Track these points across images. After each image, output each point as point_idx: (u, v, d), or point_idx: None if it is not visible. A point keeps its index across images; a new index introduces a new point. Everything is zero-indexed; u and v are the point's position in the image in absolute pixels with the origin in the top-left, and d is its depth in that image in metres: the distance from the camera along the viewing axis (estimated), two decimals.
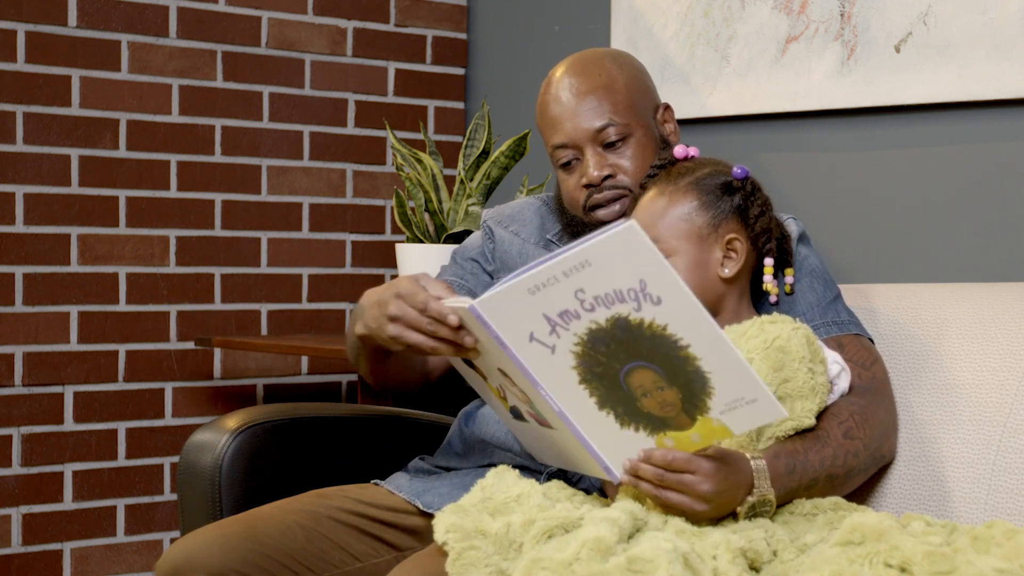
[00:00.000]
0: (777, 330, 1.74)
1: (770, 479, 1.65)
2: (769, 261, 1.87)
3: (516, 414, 1.73)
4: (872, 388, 1.88)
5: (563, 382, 1.57)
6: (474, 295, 2.11)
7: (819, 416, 1.78)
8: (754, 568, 1.58)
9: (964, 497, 1.86)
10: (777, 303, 1.90)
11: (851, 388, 1.85)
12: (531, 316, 1.52)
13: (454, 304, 1.66)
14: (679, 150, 1.89)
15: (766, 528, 1.63)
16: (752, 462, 1.65)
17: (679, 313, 1.47)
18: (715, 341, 1.47)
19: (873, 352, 1.94)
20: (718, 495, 1.60)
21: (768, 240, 1.86)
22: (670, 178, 1.86)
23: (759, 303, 1.91)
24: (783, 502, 1.69)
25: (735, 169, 1.86)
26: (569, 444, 1.66)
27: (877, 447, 1.85)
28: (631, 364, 1.52)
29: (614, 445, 1.61)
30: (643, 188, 1.90)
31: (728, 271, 1.83)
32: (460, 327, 1.65)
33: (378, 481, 2.10)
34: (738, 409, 1.52)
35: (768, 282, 1.87)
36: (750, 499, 1.64)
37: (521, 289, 1.50)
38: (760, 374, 1.69)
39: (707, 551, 1.54)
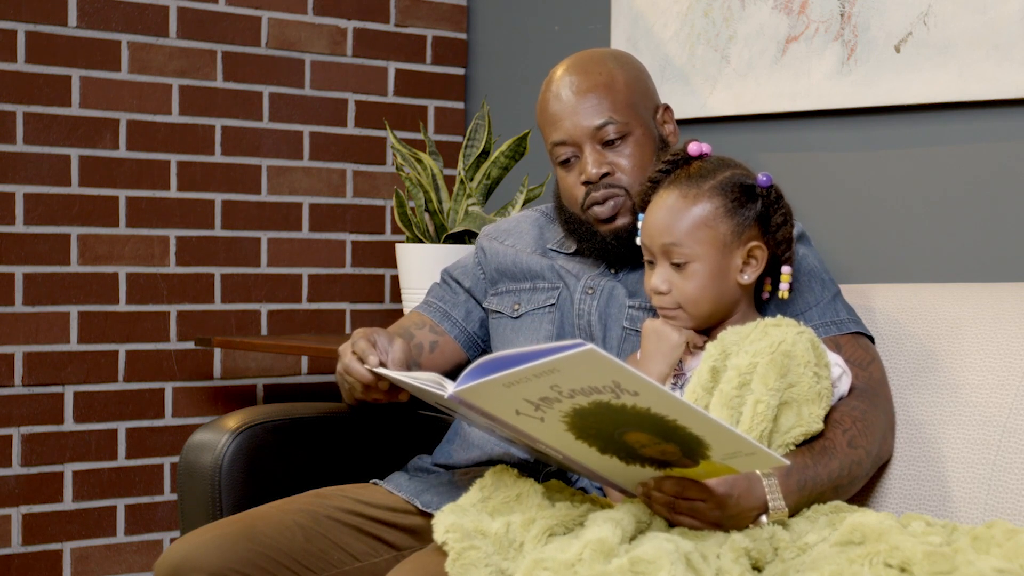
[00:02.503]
0: (781, 334, 1.73)
1: (782, 495, 1.65)
2: (787, 269, 1.85)
3: (507, 439, 1.73)
4: (869, 389, 1.88)
5: (560, 439, 1.56)
6: (449, 316, 2.15)
7: (823, 421, 1.77)
8: (757, 568, 1.58)
9: (964, 497, 1.86)
10: (768, 299, 1.90)
11: (849, 389, 1.85)
12: (513, 400, 1.51)
13: (391, 375, 1.80)
14: (693, 147, 1.85)
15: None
16: (764, 480, 1.64)
17: (659, 402, 1.44)
18: (700, 418, 1.45)
19: (871, 351, 1.94)
20: (730, 519, 1.60)
21: (787, 249, 1.84)
22: (690, 179, 1.81)
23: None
24: (790, 513, 1.70)
25: (760, 177, 1.83)
26: (576, 466, 1.66)
27: (877, 451, 1.86)
28: (624, 429, 1.51)
29: (624, 475, 1.61)
30: (653, 183, 1.86)
31: (747, 278, 1.82)
32: (391, 388, 1.88)
33: (377, 480, 2.10)
34: (738, 458, 1.51)
35: (784, 290, 1.85)
36: (764, 519, 1.63)
37: (497, 384, 1.48)
38: (766, 379, 1.69)
39: (710, 550, 1.53)
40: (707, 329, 1.85)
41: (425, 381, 1.68)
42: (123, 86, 2.91)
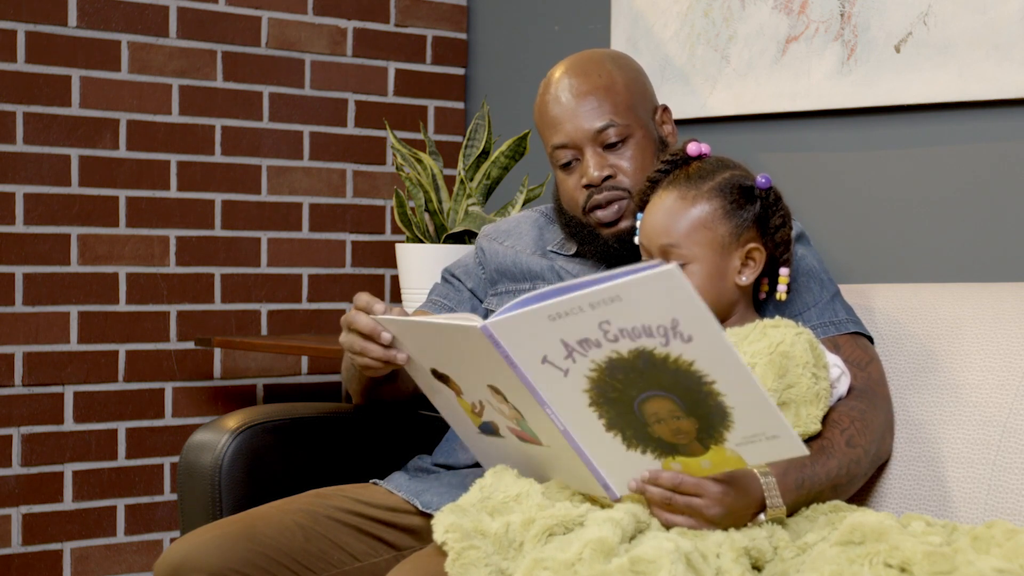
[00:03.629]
0: (780, 335, 1.73)
1: (780, 493, 1.65)
2: (785, 271, 1.85)
3: (487, 430, 1.71)
4: (868, 389, 1.88)
5: (571, 403, 1.55)
6: (454, 312, 2.14)
7: (822, 422, 1.77)
8: (757, 567, 1.58)
9: (964, 497, 1.86)
10: (765, 299, 1.90)
11: (848, 390, 1.85)
12: (547, 340, 1.49)
13: (410, 320, 1.72)
14: (692, 147, 1.85)
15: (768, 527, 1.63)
16: (762, 479, 1.64)
17: (709, 352, 1.42)
18: (743, 380, 1.43)
19: (869, 351, 1.94)
20: (727, 517, 1.59)
21: (786, 251, 1.84)
22: (689, 180, 1.81)
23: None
24: (788, 513, 1.69)
25: (759, 178, 1.82)
26: (558, 461, 1.65)
27: (876, 451, 1.86)
28: (648, 393, 1.49)
29: (618, 465, 1.59)
30: (652, 183, 1.86)
31: (745, 279, 1.82)
32: (391, 345, 1.77)
33: (377, 480, 2.10)
34: (756, 443, 1.49)
35: (782, 291, 1.85)
36: (762, 517, 1.63)
37: (541, 315, 1.46)
38: (765, 380, 1.69)
39: (710, 550, 1.53)
40: None
41: (449, 319, 1.64)
42: (123, 86, 2.91)
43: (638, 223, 1.86)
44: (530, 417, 1.61)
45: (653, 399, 1.49)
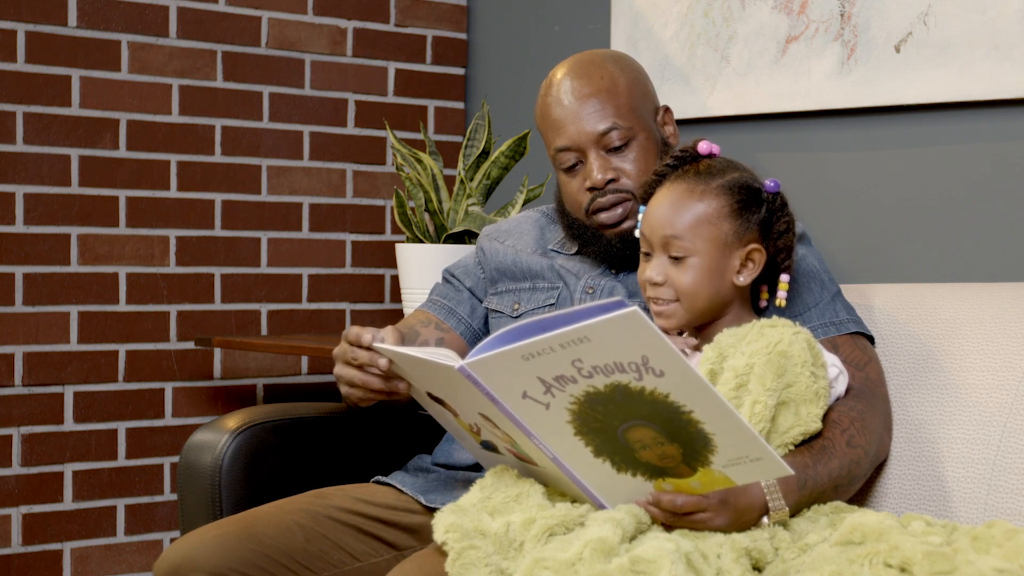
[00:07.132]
0: (778, 335, 1.73)
1: (782, 495, 1.65)
2: (785, 277, 1.85)
3: (487, 447, 1.72)
4: (866, 390, 1.88)
5: (557, 433, 1.55)
6: (454, 313, 2.14)
7: (822, 421, 1.78)
8: (757, 568, 1.58)
9: (964, 497, 1.86)
10: (766, 308, 1.89)
11: (847, 390, 1.85)
12: (524, 378, 1.49)
13: (394, 350, 1.72)
14: (703, 146, 1.85)
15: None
16: (763, 481, 1.64)
17: (682, 385, 1.43)
18: (719, 408, 1.44)
19: (868, 351, 1.94)
20: (731, 525, 1.60)
21: (787, 257, 1.84)
22: (699, 176, 1.82)
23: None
24: (791, 513, 1.70)
25: (767, 182, 1.83)
26: (556, 480, 1.65)
27: (875, 451, 1.86)
28: (630, 422, 1.49)
29: (610, 487, 1.60)
30: (659, 176, 1.86)
31: (743, 279, 1.82)
32: (391, 376, 1.77)
33: (380, 477, 2.10)
34: (742, 465, 1.50)
35: (781, 298, 1.85)
36: (765, 520, 1.63)
37: (515, 355, 1.46)
38: (763, 380, 1.69)
39: (711, 550, 1.53)
40: (699, 330, 1.86)
41: (429, 354, 1.65)
42: (123, 86, 2.91)
43: (640, 215, 1.86)
44: (522, 443, 1.62)
45: (636, 427, 1.49)
